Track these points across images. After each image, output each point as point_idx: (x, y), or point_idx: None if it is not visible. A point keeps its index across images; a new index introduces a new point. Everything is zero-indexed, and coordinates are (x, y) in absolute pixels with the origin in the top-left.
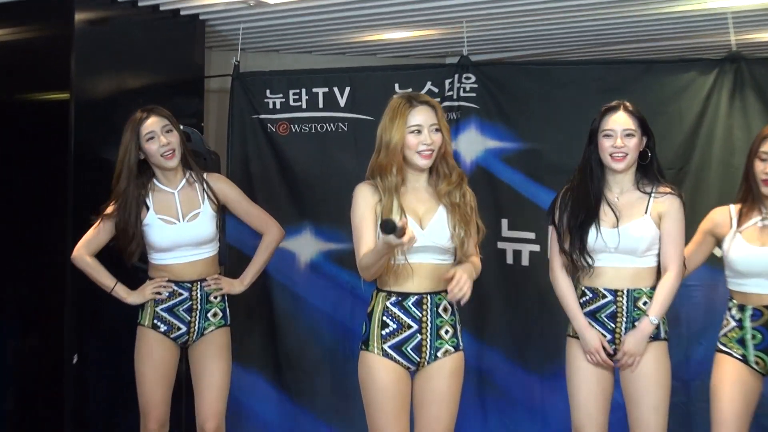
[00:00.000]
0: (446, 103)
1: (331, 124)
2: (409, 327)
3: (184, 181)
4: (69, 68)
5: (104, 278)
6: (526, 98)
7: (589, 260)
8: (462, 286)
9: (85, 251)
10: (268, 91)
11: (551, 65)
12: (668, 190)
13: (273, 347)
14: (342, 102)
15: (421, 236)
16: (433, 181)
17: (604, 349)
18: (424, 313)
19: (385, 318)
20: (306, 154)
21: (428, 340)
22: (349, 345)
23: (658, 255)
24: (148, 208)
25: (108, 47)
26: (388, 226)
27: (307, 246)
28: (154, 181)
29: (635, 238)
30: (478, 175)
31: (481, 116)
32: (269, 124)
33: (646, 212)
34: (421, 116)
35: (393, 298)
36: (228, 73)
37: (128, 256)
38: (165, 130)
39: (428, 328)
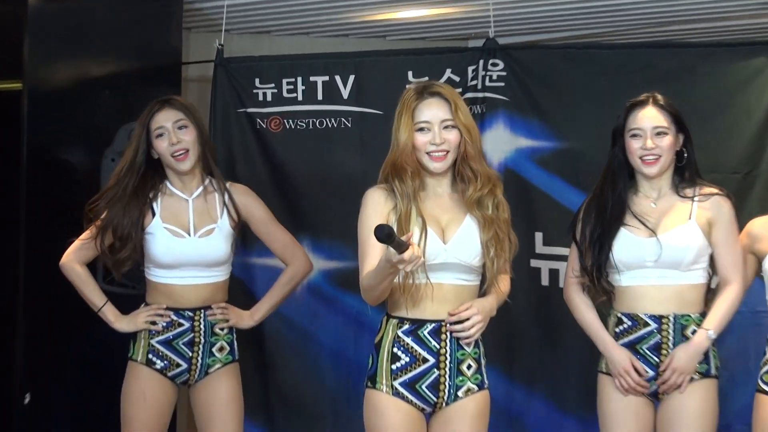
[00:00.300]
0: (469, 95)
1: (333, 120)
2: (425, 361)
3: (201, 188)
4: (21, 53)
5: (93, 294)
6: (564, 88)
7: (616, 277)
8: (469, 325)
9: (75, 258)
10: (257, 80)
11: (594, 49)
12: (714, 190)
13: (263, 386)
14: (345, 93)
15: (443, 251)
16: (459, 187)
17: (636, 371)
18: (443, 344)
19: (395, 350)
20: (302, 155)
21: (447, 377)
22: (353, 382)
23: (707, 270)
24: (154, 214)
25: (67, 28)
26: (382, 233)
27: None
28: (167, 183)
29: (679, 247)
30: (508, 180)
31: (510, 110)
32: (259, 120)
33: (690, 218)
34: (430, 111)
35: (406, 326)
36: (210, 58)
37: (117, 265)
38: (178, 125)
39: (447, 363)
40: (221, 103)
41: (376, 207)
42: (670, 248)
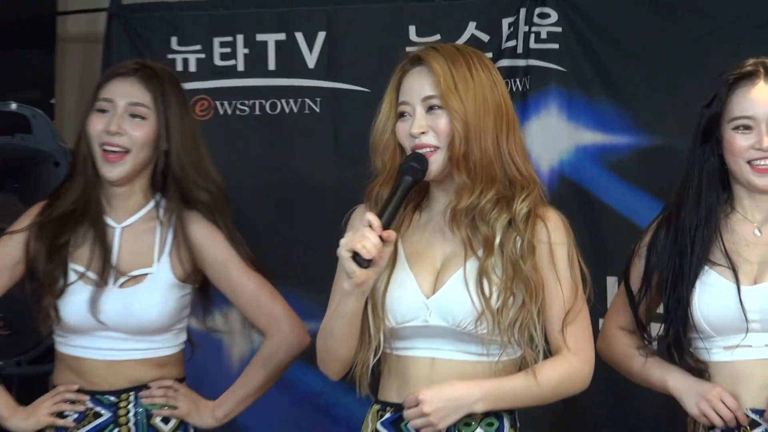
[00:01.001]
0: (505, 62)
1: (292, 101)
2: None
3: (142, 212)
4: None
5: None
6: (655, 55)
7: (701, 348)
8: (413, 414)
9: None
10: (174, 40)
11: None
12: None
13: None
14: (311, 60)
15: (423, 308)
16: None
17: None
18: None
19: None
20: (244, 155)
21: None
22: None
23: None
24: None
25: None
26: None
27: (244, 326)
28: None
29: None
30: (563, 193)
31: (568, 86)
32: None
33: None
34: (410, 86)
35: (388, 414)
36: (100, 5)
37: (42, 319)
38: (132, 112)
39: None
40: None
41: None
42: None
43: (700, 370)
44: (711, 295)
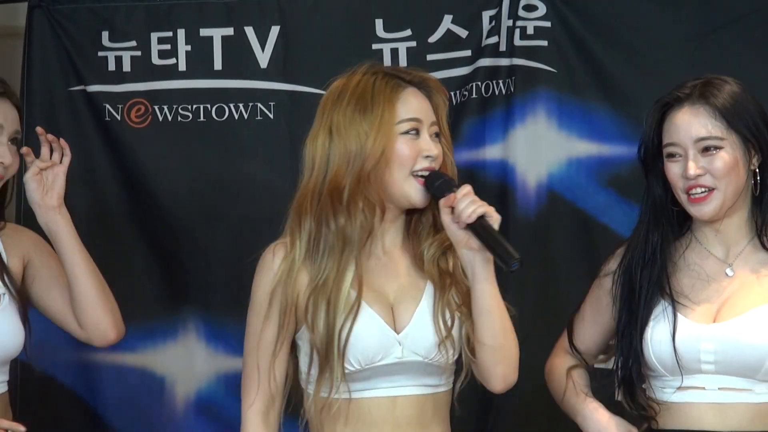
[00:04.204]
0: (486, 62)
1: (242, 106)
2: None
3: None
4: None
5: None
6: (657, 51)
7: (657, 388)
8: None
9: None
10: (105, 35)
11: None
12: None
13: None
14: (263, 59)
15: (396, 345)
16: (410, 235)
17: None
18: None
19: None
20: (186, 167)
21: None
22: None
23: None
24: None
25: None
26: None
27: (190, 363)
28: None
29: (756, 345)
30: (553, 211)
31: (559, 89)
32: (108, 105)
33: None
34: (417, 103)
35: None
36: None
37: None
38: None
39: None
40: (41, 76)
41: (269, 282)
42: (737, 344)
43: (651, 413)
44: (664, 334)
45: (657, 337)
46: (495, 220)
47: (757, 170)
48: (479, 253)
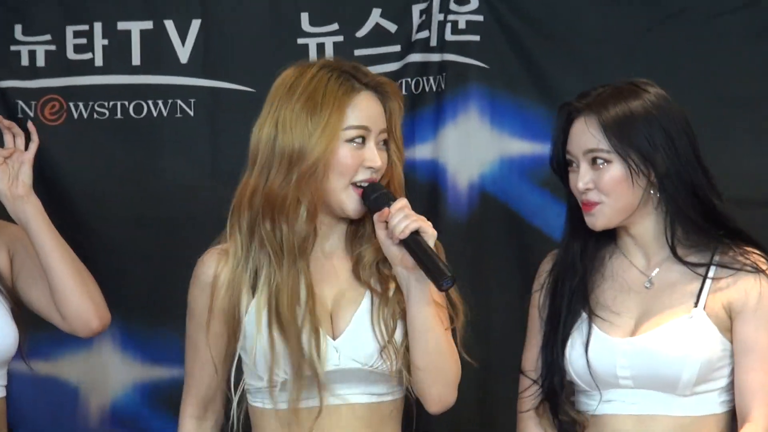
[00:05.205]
0: (416, 57)
1: (161, 103)
2: None
3: None
4: None
5: None
6: (593, 47)
7: (582, 399)
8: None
9: None
10: (18, 29)
11: None
12: (749, 259)
13: None
14: (184, 54)
15: (333, 352)
16: (350, 239)
17: None
18: None
19: None
20: (105, 167)
21: None
22: None
23: (730, 391)
24: None
25: None
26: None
27: (105, 372)
28: None
29: (671, 358)
30: (485, 213)
31: (492, 85)
32: (21, 102)
33: (696, 305)
34: (368, 110)
35: None
36: None
37: None
38: None
39: None
40: None
41: (206, 290)
42: (654, 357)
43: (576, 422)
44: (582, 347)
45: (575, 351)
46: (430, 236)
47: (654, 186)
48: (413, 272)
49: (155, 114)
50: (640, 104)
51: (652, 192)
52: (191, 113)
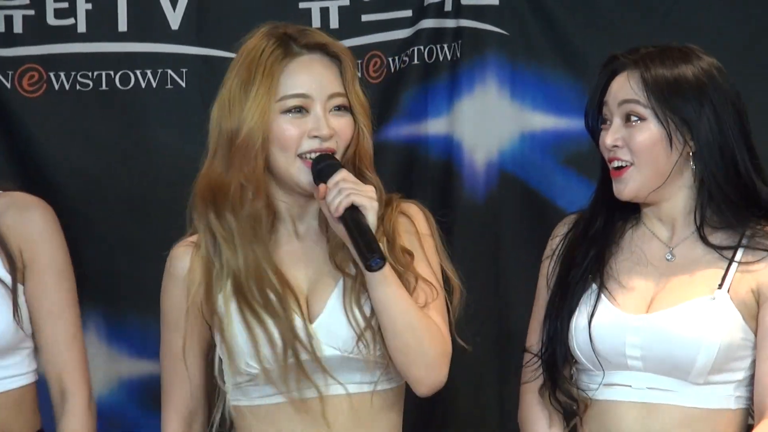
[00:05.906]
0: (428, 23)
1: (150, 72)
2: None
3: None
4: None
5: None
6: (624, 12)
7: (584, 382)
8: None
9: None
10: None
11: None
12: None
13: None
14: (175, 19)
15: (305, 338)
16: (324, 220)
17: None
18: None
19: None
20: (89, 142)
21: None
22: None
23: (747, 387)
24: None
25: None
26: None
27: (91, 367)
28: None
29: (687, 340)
30: (504, 193)
31: (511, 54)
32: None
33: (720, 287)
34: (308, 75)
35: None
36: None
37: None
38: None
39: None
40: None
41: (179, 282)
42: (667, 338)
43: (573, 409)
44: (588, 322)
45: (580, 323)
46: (369, 209)
47: (692, 157)
48: None
49: (143, 85)
50: (690, 69)
51: (688, 162)
52: (182, 84)
